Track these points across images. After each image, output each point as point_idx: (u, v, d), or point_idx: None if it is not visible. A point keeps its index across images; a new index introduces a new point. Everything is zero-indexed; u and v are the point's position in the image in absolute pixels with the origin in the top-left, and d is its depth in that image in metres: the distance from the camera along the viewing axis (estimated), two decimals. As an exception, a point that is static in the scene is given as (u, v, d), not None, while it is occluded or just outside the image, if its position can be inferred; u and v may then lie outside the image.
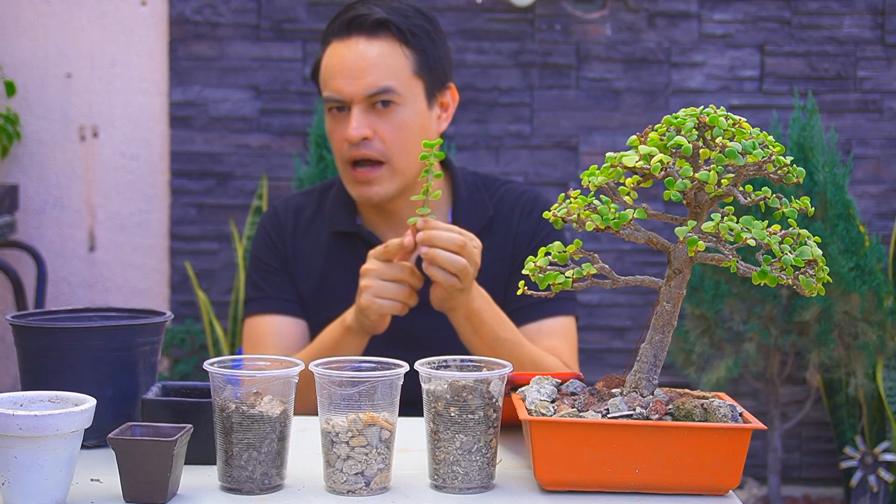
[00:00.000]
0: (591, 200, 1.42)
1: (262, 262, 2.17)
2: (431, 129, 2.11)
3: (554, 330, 2.10)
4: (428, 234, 1.84)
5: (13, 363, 3.62)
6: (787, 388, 3.67)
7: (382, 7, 2.07)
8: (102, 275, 3.69)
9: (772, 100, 3.67)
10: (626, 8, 3.64)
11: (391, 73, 2.04)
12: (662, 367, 1.49)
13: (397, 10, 2.08)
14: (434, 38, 2.10)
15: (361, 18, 2.05)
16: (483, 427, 1.41)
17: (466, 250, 1.84)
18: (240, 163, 3.66)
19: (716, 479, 1.38)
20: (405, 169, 2.07)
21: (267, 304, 2.14)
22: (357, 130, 2.03)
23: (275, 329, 2.13)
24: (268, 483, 1.40)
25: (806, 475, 3.74)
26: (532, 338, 2.09)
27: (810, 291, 1.37)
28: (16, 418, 1.27)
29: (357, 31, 2.05)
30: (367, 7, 2.07)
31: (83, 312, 1.70)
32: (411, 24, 2.07)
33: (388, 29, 2.05)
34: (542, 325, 2.10)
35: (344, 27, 2.07)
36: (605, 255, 3.63)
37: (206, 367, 1.41)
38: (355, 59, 2.04)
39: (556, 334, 2.10)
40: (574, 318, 2.14)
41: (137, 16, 3.65)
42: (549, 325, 2.10)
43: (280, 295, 2.14)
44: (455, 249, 1.83)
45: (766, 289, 3.30)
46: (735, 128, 1.40)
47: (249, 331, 2.16)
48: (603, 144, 3.67)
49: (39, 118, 3.66)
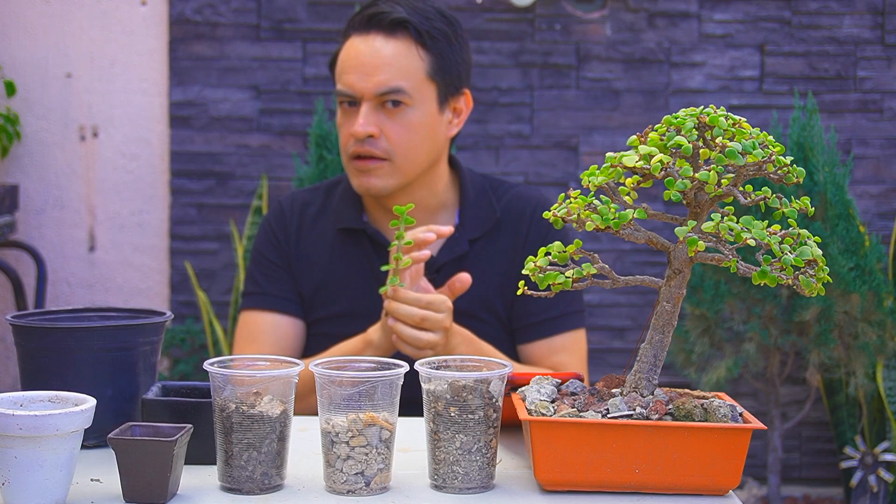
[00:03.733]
0: (591, 200, 1.42)
1: (263, 257, 2.17)
2: (440, 133, 2.10)
3: (563, 346, 2.12)
4: (391, 307, 1.85)
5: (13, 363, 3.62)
6: (787, 388, 3.67)
7: (405, 7, 2.07)
8: (102, 275, 3.69)
9: (772, 100, 3.67)
10: (626, 8, 3.64)
11: (404, 73, 2.04)
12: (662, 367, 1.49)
13: (419, 10, 2.08)
14: (452, 42, 2.09)
15: (382, 16, 2.06)
16: (483, 427, 1.41)
17: (429, 322, 1.85)
18: (240, 163, 3.66)
19: (716, 479, 1.38)
20: (407, 169, 2.07)
21: (265, 300, 2.14)
22: (363, 127, 2.03)
23: (271, 326, 2.12)
24: (268, 483, 1.41)
25: (806, 475, 3.73)
26: (542, 354, 2.10)
27: (810, 291, 1.37)
28: (16, 418, 1.27)
29: (376, 27, 2.06)
30: (389, 5, 2.07)
31: (83, 312, 1.70)
32: (431, 25, 2.07)
33: (407, 29, 2.05)
34: (553, 343, 2.11)
35: (364, 23, 2.07)
36: (605, 255, 3.63)
37: (206, 367, 1.41)
38: (370, 55, 2.04)
39: (565, 350, 2.12)
40: (584, 331, 2.15)
41: (137, 16, 3.65)
42: (559, 341, 2.12)
43: (279, 293, 2.13)
44: (415, 324, 1.84)
45: (766, 289, 3.30)
46: (735, 128, 1.40)
47: (244, 325, 2.15)
48: (603, 144, 3.67)
49: (39, 118, 3.66)
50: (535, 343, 2.10)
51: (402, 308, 1.85)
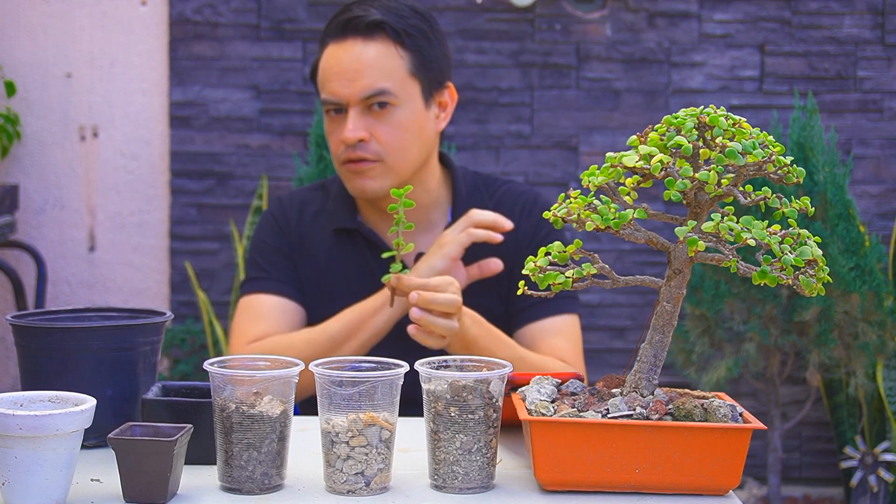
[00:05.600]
0: (591, 200, 1.42)
1: (266, 244, 2.15)
2: (429, 129, 2.11)
3: (557, 329, 2.11)
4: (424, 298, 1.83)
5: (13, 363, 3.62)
6: (787, 388, 3.67)
7: (378, 8, 2.07)
8: (102, 275, 3.69)
9: (772, 100, 3.67)
10: (626, 8, 3.64)
11: (386, 74, 2.04)
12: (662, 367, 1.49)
13: (393, 10, 2.08)
14: (430, 38, 2.10)
15: (357, 20, 2.06)
16: (483, 427, 1.41)
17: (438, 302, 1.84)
18: (240, 163, 3.66)
19: (716, 479, 1.38)
20: (400, 168, 2.07)
21: (269, 284, 2.11)
22: (353, 133, 2.03)
23: (276, 307, 2.09)
24: (268, 483, 1.41)
25: (806, 475, 3.74)
26: (535, 337, 2.09)
27: (810, 291, 1.37)
28: (16, 418, 1.27)
29: (353, 33, 2.06)
30: (362, 8, 2.07)
31: (83, 312, 1.70)
32: (406, 24, 2.07)
33: (384, 30, 2.05)
34: (545, 325, 2.10)
35: (340, 29, 2.07)
36: (605, 255, 3.63)
37: (206, 367, 1.41)
38: (350, 61, 2.04)
39: (558, 333, 2.11)
40: (577, 317, 2.15)
41: (137, 16, 3.65)
42: (552, 323, 2.11)
43: (283, 278, 2.11)
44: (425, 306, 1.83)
45: (766, 289, 3.30)
46: (735, 128, 1.40)
47: (247, 307, 2.11)
48: (603, 144, 3.67)
49: (39, 118, 3.66)
50: (527, 327, 2.10)
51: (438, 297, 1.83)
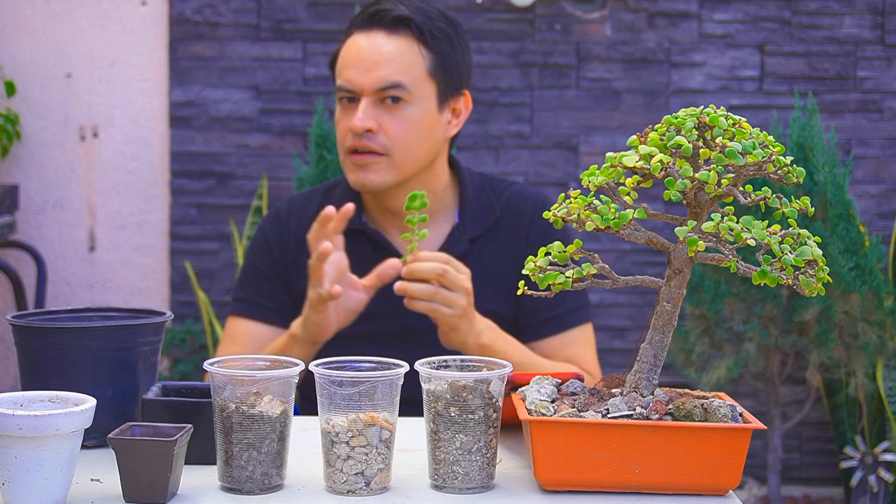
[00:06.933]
0: (591, 200, 1.42)
1: (254, 266, 2.19)
2: (439, 132, 2.11)
3: (575, 340, 2.14)
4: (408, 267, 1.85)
5: (13, 363, 3.62)
6: (787, 388, 3.67)
7: (408, 5, 2.10)
8: (102, 275, 3.69)
9: (772, 100, 3.67)
10: (626, 8, 3.64)
11: (404, 69, 2.05)
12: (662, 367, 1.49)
13: (421, 10, 2.10)
14: (454, 43, 2.11)
15: (384, 13, 2.08)
16: (483, 427, 1.41)
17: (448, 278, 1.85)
18: (240, 163, 3.66)
19: (716, 479, 1.38)
20: (405, 166, 2.07)
21: (250, 308, 2.17)
22: (362, 121, 2.04)
23: (251, 334, 2.15)
24: (268, 483, 1.41)
25: (806, 475, 3.74)
26: (555, 349, 2.12)
27: (810, 291, 1.37)
28: (16, 418, 1.27)
29: (378, 24, 2.08)
30: (392, 3, 2.10)
31: (83, 312, 1.70)
32: (433, 25, 2.09)
33: (409, 27, 2.07)
34: (564, 338, 2.14)
35: (366, 20, 2.09)
36: (605, 255, 3.63)
37: (206, 366, 1.41)
38: (371, 51, 2.06)
39: (577, 343, 2.14)
40: (591, 323, 2.17)
41: (137, 16, 3.65)
42: (571, 336, 2.14)
43: (265, 303, 2.16)
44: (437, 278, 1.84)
45: (766, 289, 3.30)
46: (735, 128, 1.40)
47: (228, 328, 2.19)
48: (603, 144, 3.67)
49: (39, 118, 3.66)
50: (548, 339, 2.13)
51: (424, 265, 1.85)
